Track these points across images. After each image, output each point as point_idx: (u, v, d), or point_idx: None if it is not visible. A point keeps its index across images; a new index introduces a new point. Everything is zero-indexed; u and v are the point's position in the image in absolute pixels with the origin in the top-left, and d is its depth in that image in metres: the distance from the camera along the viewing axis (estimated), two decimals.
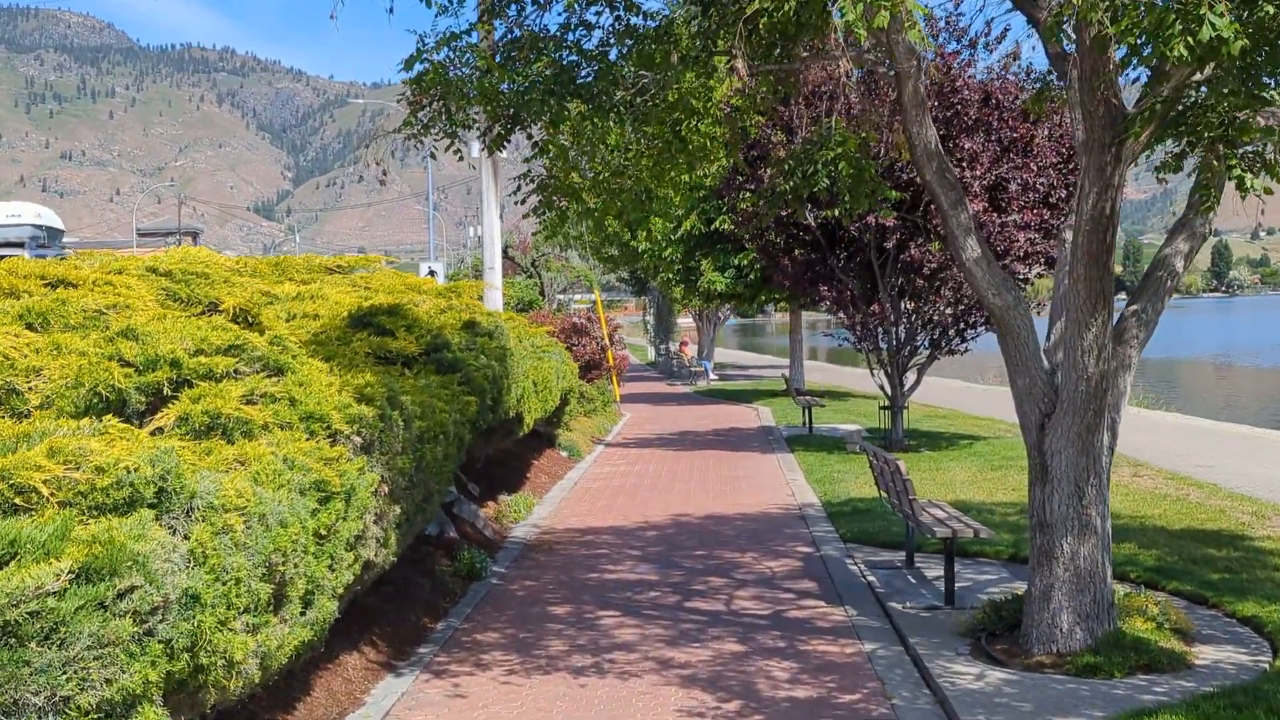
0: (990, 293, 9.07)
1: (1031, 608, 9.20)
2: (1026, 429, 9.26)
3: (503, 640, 10.49)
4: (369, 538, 8.67)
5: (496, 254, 26.66)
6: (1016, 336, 9.12)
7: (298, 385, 8.52)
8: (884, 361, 23.97)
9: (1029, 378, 9.15)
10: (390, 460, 9.00)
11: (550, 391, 18.01)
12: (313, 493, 7.55)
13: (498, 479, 18.44)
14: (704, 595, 12.00)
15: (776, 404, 37.53)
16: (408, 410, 9.52)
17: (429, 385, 11.66)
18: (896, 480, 11.56)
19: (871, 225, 22.35)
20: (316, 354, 9.80)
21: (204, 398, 7.74)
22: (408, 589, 11.59)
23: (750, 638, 10.33)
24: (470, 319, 14.63)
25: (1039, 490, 9.16)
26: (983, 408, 34.48)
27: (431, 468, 10.22)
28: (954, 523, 11.30)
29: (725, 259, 38.88)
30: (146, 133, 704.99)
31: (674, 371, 57.52)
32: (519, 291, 58.53)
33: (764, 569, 13.21)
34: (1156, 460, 21.30)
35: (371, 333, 12.36)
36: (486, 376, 13.09)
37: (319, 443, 8.01)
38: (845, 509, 16.64)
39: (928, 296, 22.95)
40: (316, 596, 7.64)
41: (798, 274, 24.57)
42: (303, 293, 13.91)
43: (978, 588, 11.78)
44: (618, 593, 12.21)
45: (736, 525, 16.00)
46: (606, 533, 15.66)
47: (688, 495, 18.91)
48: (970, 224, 9.07)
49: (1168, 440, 25.07)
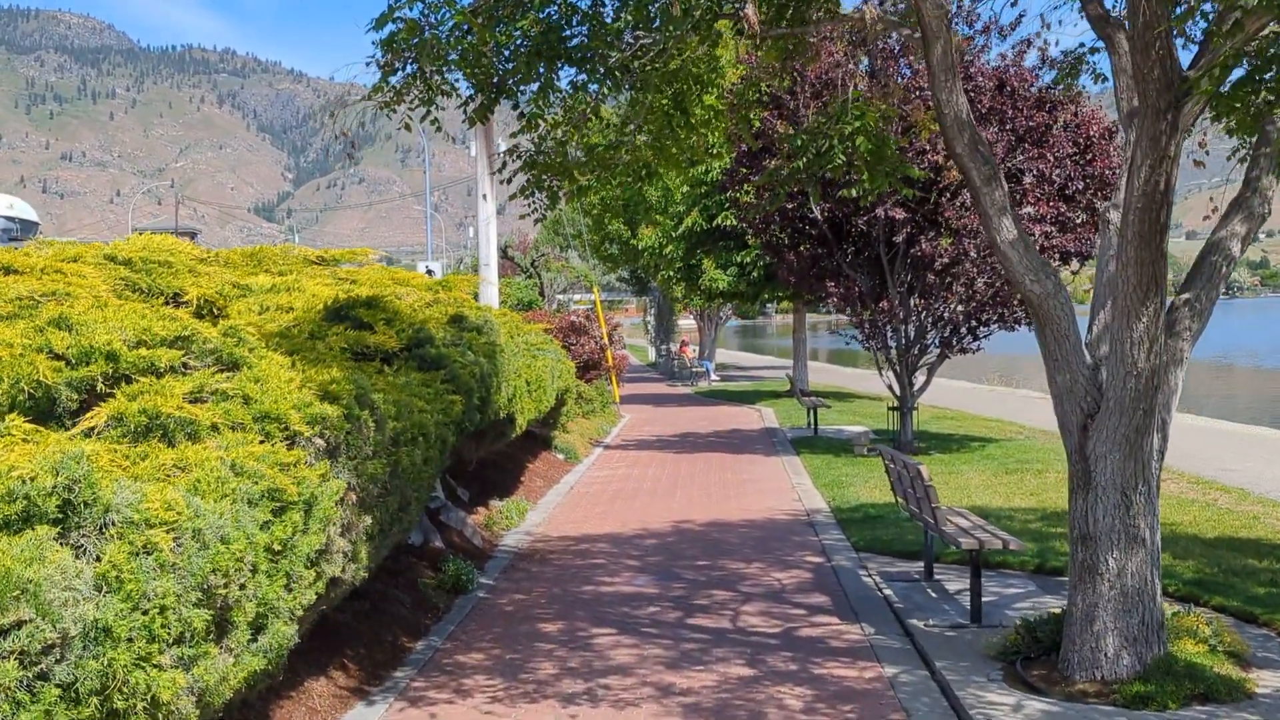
0: (1028, 278, 8.14)
1: (1072, 629, 8.27)
2: (1067, 431, 8.34)
3: (487, 662, 9.56)
4: (334, 552, 7.75)
5: (492, 249, 25.80)
6: (1056, 328, 8.19)
7: (253, 382, 7.61)
8: (892, 361, 23.04)
9: (1070, 374, 8.22)
10: (359, 465, 8.08)
11: (545, 391, 17.09)
12: (265, 503, 6.64)
13: (490, 483, 17.52)
14: (707, 610, 11.07)
15: (779, 405, 36.62)
16: (380, 410, 8.59)
17: (409, 383, 10.75)
18: (917, 486, 10.63)
19: (881, 218, 21.43)
20: (280, 347, 8.87)
21: (142, 395, 6.83)
22: (385, 605, 10.67)
23: (759, 659, 9.41)
24: (458, 313, 13.71)
25: (1081, 499, 8.23)
26: (990, 409, 33.60)
27: (409, 473, 9.30)
28: (980, 533, 10.37)
29: (727, 256, 37.96)
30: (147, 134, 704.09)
31: (675, 372, 56.59)
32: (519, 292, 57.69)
33: (772, 581, 12.28)
34: (1177, 463, 20.37)
35: (348, 326, 11.46)
36: (473, 374, 12.17)
37: (275, 446, 7.10)
38: (856, 515, 15.72)
39: (938, 293, 22.01)
40: (270, 621, 6.72)
41: (803, 270, 23.64)
42: (278, 284, 13.02)
43: (1004, 603, 10.86)
44: (614, 607, 11.28)
45: (741, 533, 15.08)
46: (603, 541, 14.73)
47: (689, 500, 17.98)
48: (1005, 203, 8.14)
49: (1185, 443, 24.12)
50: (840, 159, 9.21)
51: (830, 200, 21.75)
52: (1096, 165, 21.32)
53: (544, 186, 9.25)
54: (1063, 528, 14.32)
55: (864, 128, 9.05)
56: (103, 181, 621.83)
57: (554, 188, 9.22)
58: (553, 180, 9.17)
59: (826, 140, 9.16)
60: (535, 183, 9.13)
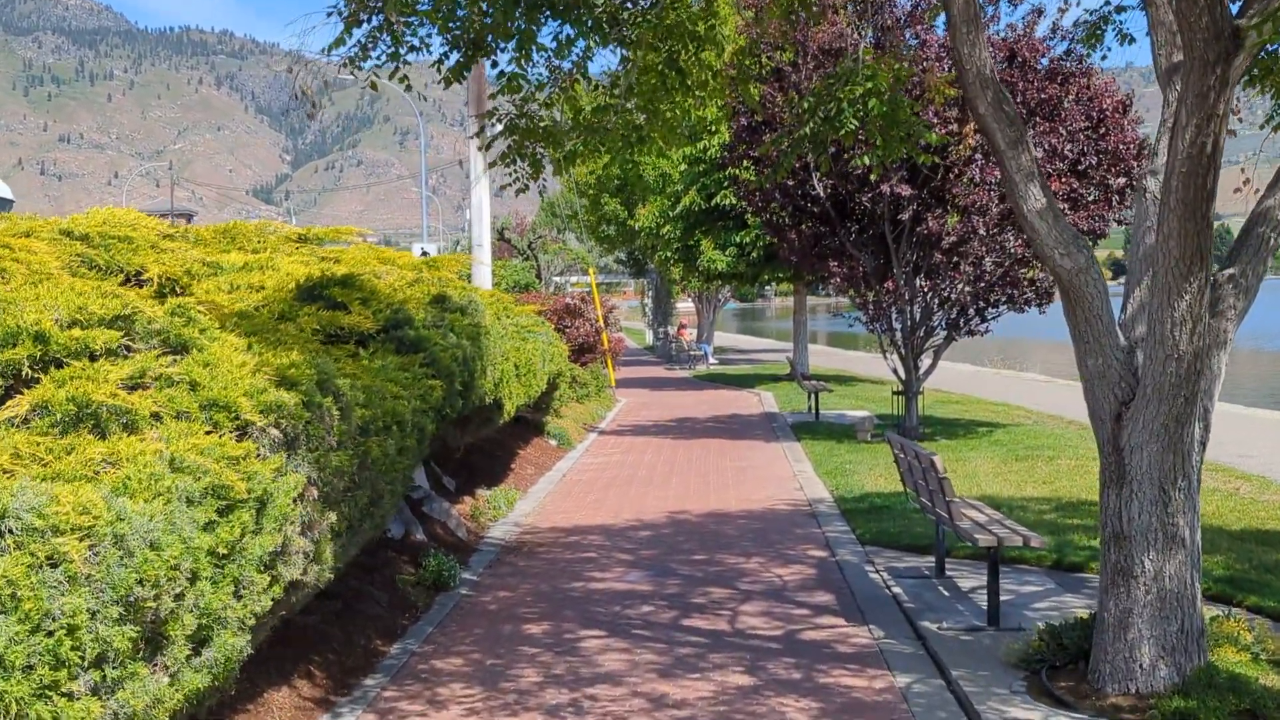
0: (1057, 251, 7.39)
1: (1104, 636, 7.55)
2: (1098, 420, 7.60)
3: (466, 668, 8.83)
4: (293, 553, 7.02)
5: (485, 229, 25.05)
6: (1088, 306, 7.45)
7: (201, 366, 6.87)
8: (897, 343, 22.29)
9: (1102, 357, 7.49)
10: (321, 457, 7.35)
11: (535, 375, 16.35)
12: (208, 502, 5.92)
13: (478, 470, 16.79)
14: (704, 611, 10.34)
15: (779, 389, 35.87)
16: (346, 397, 7.86)
17: (385, 367, 10.02)
18: (930, 478, 9.90)
19: (886, 195, 20.67)
20: (238, 328, 8.13)
21: (72, 381, 6.10)
22: (359, 604, 9.95)
23: (759, 666, 8.68)
24: (440, 293, 12.97)
25: (1114, 494, 7.50)
26: (995, 392, 32.87)
27: (380, 465, 8.57)
28: (997, 528, 9.65)
29: (726, 237, 37.16)
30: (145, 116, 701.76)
31: (672, 355, 55.83)
32: (515, 274, 57.02)
33: (772, 577, 11.56)
34: None
35: (321, 307, 10.73)
36: (455, 357, 11.44)
37: (223, 438, 6.37)
38: (861, 505, 14.99)
39: (945, 272, 21.25)
40: (216, 632, 6.01)
41: (805, 249, 22.86)
42: (251, 263, 12.30)
43: (1021, 602, 10.14)
44: (605, 606, 10.56)
45: (740, 524, 14.35)
46: (595, 533, 14.01)
47: (686, 488, 17.26)
48: (1033, 168, 7.40)
49: None
50: (851, 124, 8.45)
51: (837, 173, 20.99)
52: (1110, 140, 20.55)
53: (526, 154, 8.50)
54: (1080, 519, 13.61)
55: (876, 89, 8.30)
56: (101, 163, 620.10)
57: (537, 155, 8.47)
58: (536, 147, 8.41)
59: (835, 103, 8.40)
60: (517, 149, 8.37)
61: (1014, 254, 20.38)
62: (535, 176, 8.67)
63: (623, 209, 44.86)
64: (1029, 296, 21.39)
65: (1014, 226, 20.28)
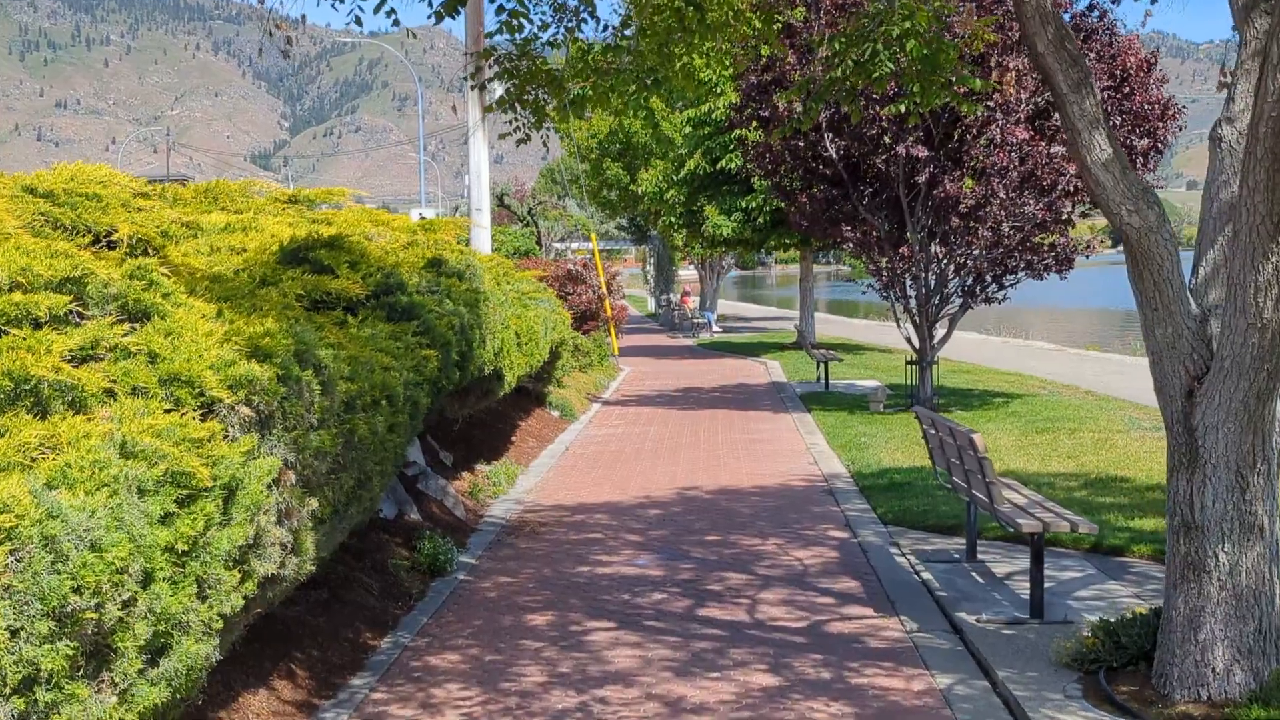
0: (1125, 207, 6.60)
1: (1171, 637, 6.79)
2: (1167, 396, 6.82)
3: (463, 665, 8.08)
4: (268, 545, 6.26)
5: (485, 192, 24.22)
6: (1158, 270, 6.66)
7: (163, 335, 6.10)
8: (911, 311, 21.47)
9: (1173, 326, 6.70)
10: (300, 437, 6.58)
11: (537, 344, 15.56)
12: (166, 491, 5.17)
13: (477, 444, 16.03)
14: (720, 599, 9.58)
15: (785, 358, 35.10)
16: (328, 369, 7.07)
17: (374, 336, 9.25)
18: (966, 458, 9.12)
19: (901, 157, 19.82)
20: (210, 294, 7.34)
21: (9, 352, 5.33)
22: (348, 593, 9.19)
23: (784, 663, 7.93)
24: (436, 256, 12.17)
25: (1184, 479, 6.73)
26: (1006, 361, 32.08)
27: (368, 443, 7.79)
28: (1041, 512, 8.89)
29: (732, 201, 36.28)
30: (142, 81, 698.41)
31: (675, 323, 55.04)
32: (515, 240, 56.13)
33: (792, 561, 10.80)
34: None
35: (307, 270, 9.94)
36: (452, 325, 10.65)
37: (185, 417, 5.60)
38: (880, 482, 14.22)
39: (962, 238, 20.40)
40: (176, 640, 5.27)
41: (816, 214, 22.00)
42: (233, 223, 11.52)
43: (1062, 590, 9.37)
44: (613, 594, 9.80)
45: (754, 502, 13.59)
46: (601, 511, 13.25)
47: (695, 463, 16.49)
48: (1098, 114, 6.59)
49: None
50: (887, 68, 7.64)
51: (851, 134, 20.17)
52: (1135, 100, 19.70)
53: (528, 101, 7.69)
54: (1113, 497, 12.87)
55: (914, 29, 7.48)
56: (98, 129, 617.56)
57: (540, 101, 7.66)
58: (539, 92, 7.60)
59: (870, 44, 7.58)
60: (517, 94, 7.56)
61: (1035, 218, 19.54)
62: (538, 125, 7.87)
63: (625, 173, 43.95)
64: (1049, 263, 20.56)
65: (1035, 189, 19.47)
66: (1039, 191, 19.46)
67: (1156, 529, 11.15)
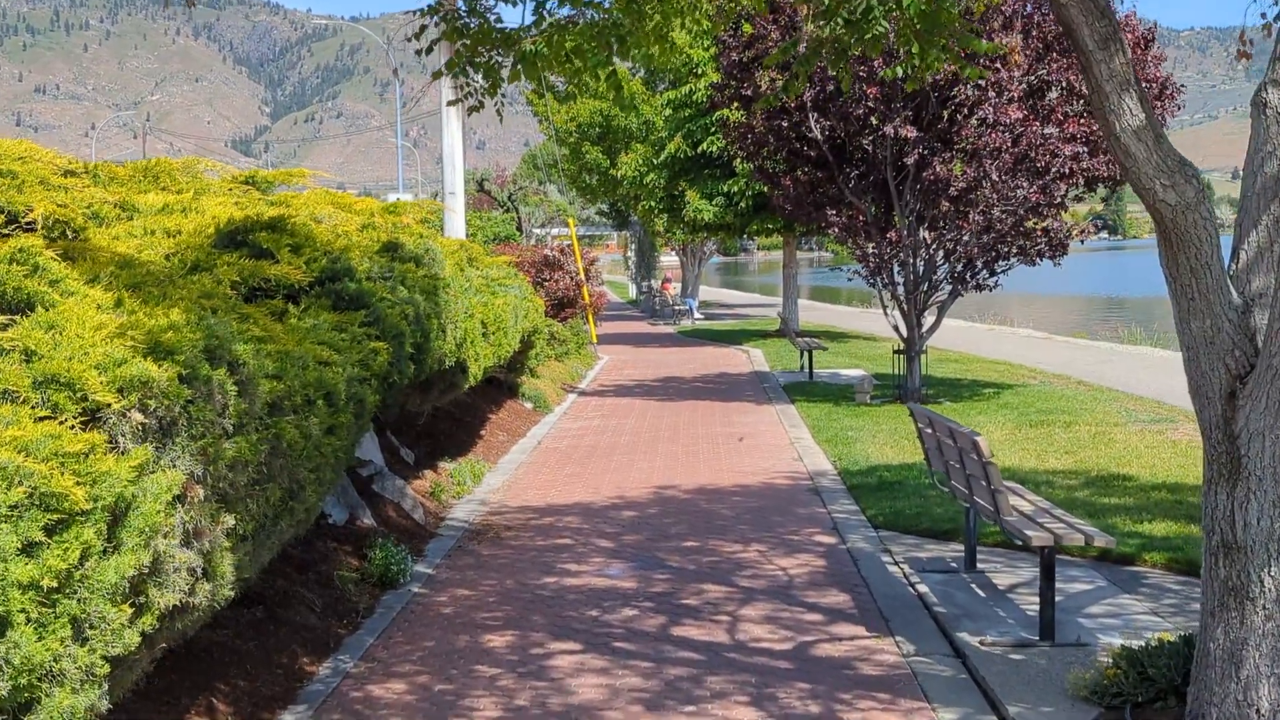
0: (1159, 182, 5.75)
1: (1209, 672, 5.96)
2: (1204, 398, 5.97)
3: (409, 696, 7.22)
4: (170, 572, 5.40)
5: (458, 175, 23.37)
6: (1195, 253, 5.82)
7: (44, 329, 5.24)
8: (899, 298, 20.63)
9: (1211, 318, 5.86)
10: (210, 446, 5.69)
11: (505, 333, 14.68)
12: (31, 516, 4.32)
13: (443, 439, 15.16)
14: (698, 615, 8.73)
15: (768, 346, 34.26)
16: (247, 366, 6.19)
17: (317, 327, 8.38)
18: (969, 461, 8.29)
19: (889, 137, 18.99)
20: (116, 281, 6.45)
21: None
22: (287, 610, 8.33)
23: (768, 694, 7.09)
24: (391, 240, 11.29)
25: (1223, 493, 5.89)
26: (992, 349, 31.29)
27: (300, 449, 6.91)
28: (1050, 521, 8.06)
29: (713, 185, 35.38)
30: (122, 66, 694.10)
31: (656, 310, 54.15)
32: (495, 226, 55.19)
33: (776, 570, 9.96)
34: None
35: (244, 255, 9.07)
36: (405, 315, 9.78)
37: (62, 426, 4.75)
38: (869, 481, 13.38)
39: (952, 222, 19.55)
40: (45, 693, 4.44)
41: (800, 197, 21.16)
42: (171, 204, 10.65)
43: (1072, 605, 8.55)
44: (580, 610, 8.94)
45: (735, 502, 12.75)
46: (572, 513, 12.39)
47: (673, 458, 15.64)
48: (1128, 75, 5.74)
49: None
50: (882, 26, 6.78)
51: (837, 113, 19.34)
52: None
53: (479, 64, 6.80)
54: (1118, 498, 12.06)
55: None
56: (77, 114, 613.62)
57: (494, 63, 6.77)
58: (492, 53, 6.72)
59: (863, 0, 6.71)
60: (468, 55, 6.68)
61: (1028, 201, 18.70)
62: (492, 91, 6.98)
63: (604, 158, 43.00)
64: (1041, 248, 19.72)
65: (1028, 172, 18.64)
66: (1033, 174, 18.63)
67: (1168, 534, 10.36)
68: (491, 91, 6.99)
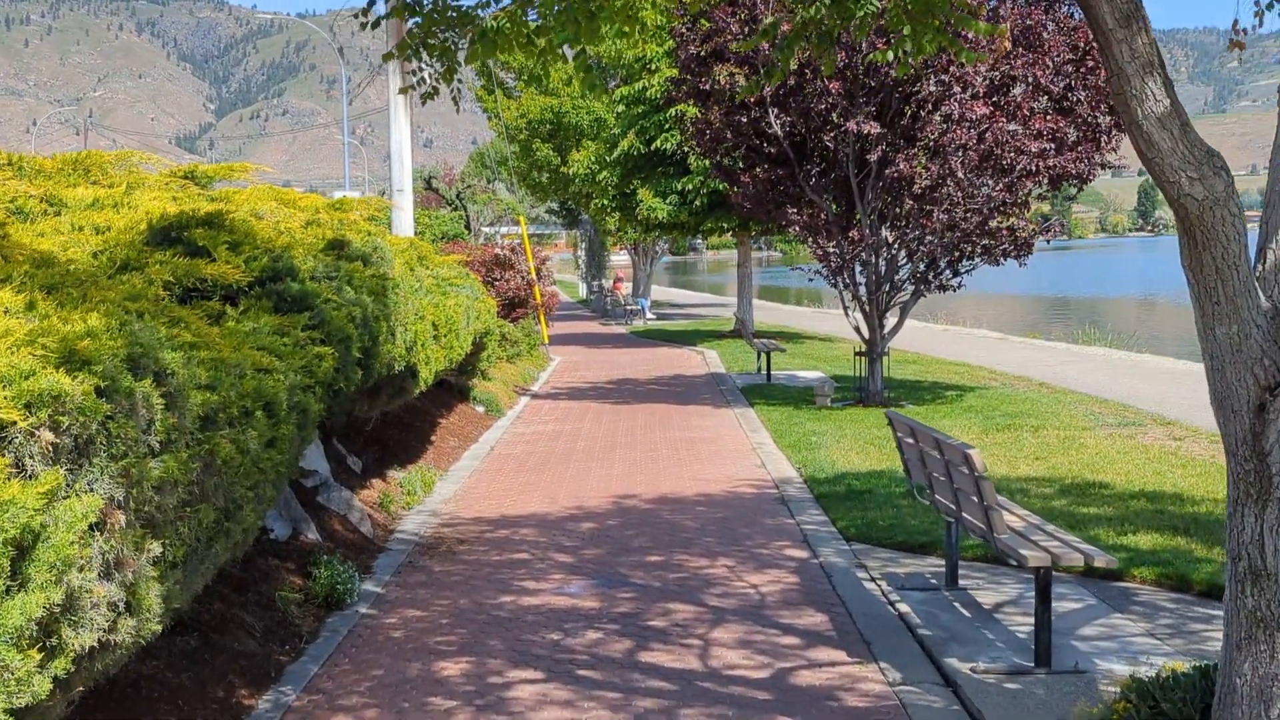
0: (1185, 174, 5.24)
1: (1235, 710, 5.46)
2: (1229, 411, 5.47)
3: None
4: (87, 608, 4.79)
5: (406, 172, 22.76)
6: (1222, 252, 5.32)
7: None
8: (861, 299, 20.16)
9: (1238, 324, 5.36)
10: (133, 467, 5.07)
11: (457, 335, 14.06)
12: None
13: (392, 446, 14.52)
14: (666, 639, 8.16)
15: (723, 346, 33.76)
16: (176, 376, 5.57)
17: (256, 331, 7.75)
18: (957, 475, 7.77)
19: (852, 134, 18.52)
20: (30, 283, 5.81)
21: None
22: (223, 636, 7.69)
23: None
24: (338, 238, 10.66)
25: (1250, 515, 5.39)
26: (949, 350, 30.95)
27: (237, 465, 6.29)
28: (1044, 539, 7.55)
29: (667, 184, 34.83)
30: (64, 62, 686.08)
31: (608, 310, 53.58)
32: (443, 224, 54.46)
33: (747, 588, 9.41)
34: (1186, 417, 17.74)
35: (179, 253, 8.42)
36: (352, 317, 9.16)
37: None
38: (837, 489, 12.86)
39: (915, 221, 19.09)
40: None
41: (760, 195, 20.65)
42: (102, 199, 10.00)
43: (1063, 626, 8.04)
44: (540, 633, 8.36)
45: (699, 512, 12.19)
46: (528, 524, 11.80)
47: (632, 465, 15.07)
48: (1152, 57, 5.23)
49: (1175, 389, 21.54)
50: (872, 6, 6.25)
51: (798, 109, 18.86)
52: (1100, 74, 18.47)
53: (434, 47, 6.21)
54: (1096, 507, 11.62)
55: None
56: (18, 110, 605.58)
57: (450, 45, 6.18)
58: (447, 34, 6.12)
59: None
60: (420, 37, 6.08)
61: (993, 199, 18.28)
62: (448, 78, 6.38)
63: (555, 155, 42.38)
64: (1006, 248, 19.30)
65: (994, 169, 18.21)
66: (999, 171, 18.20)
67: (1155, 547, 9.91)
68: (447, 77, 6.39)
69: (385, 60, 6.30)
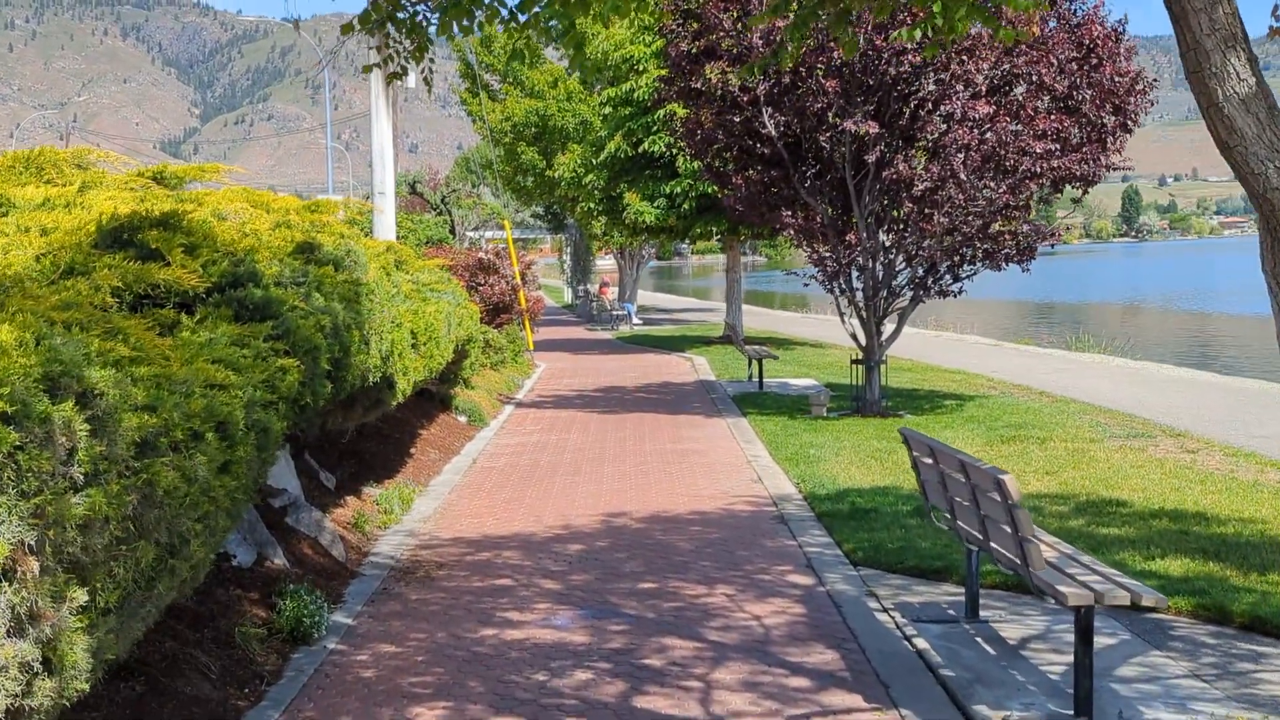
0: (1271, 164, 4.56)
1: None
2: None
3: None
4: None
5: (388, 173, 22.00)
6: None
7: None
8: (858, 305, 19.47)
9: None
10: (49, 504, 4.34)
11: (438, 344, 13.31)
12: None
13: (369, 460, 13.79)
14: (663, 681, 7.43)
15: (712, 353, 33.04)
16: (105, 398, 4.83)
17: (212, 343, 7.02)
18: (986, 501, 7.05)
19: (849, 134, 17.84)
20: None
21: None
22: (174, 680, 6.95)
23: None
24: (307, 241, 9.91)
25: None
26: (945, 357, 30.30)
27: (181, 495, 5.54)
28: (1084, 572, 6.84)
29: (655, 187, 34.11)
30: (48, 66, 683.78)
31: (594, 315, 52.85)
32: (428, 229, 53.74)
33: (749, 620, 8.68)
34: (1195, 428, 17.10)
35: (130, 256, 7.69)
36: (321, 326, 8.43)
37: None
38: (840, 507, 12.14)
39: (914, 224, 18.41)
40: None
41: (753, 197, 19.93)
42: (54, 199, 9.30)
43: (1098, 665, 7.22)
44: (525, 672, 7.62)
45: (693, 532, 11.47)
46: (511, 546, 11.06)
47: (621, 479, 14.35)
48: (1235, 30, 4.54)
49: (1180, 398, 20.91)
50: None
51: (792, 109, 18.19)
52: (1105, 70, 17.83)
53: (403, 23, 5.49)
54: (1117, 528, 10.93)
55: None
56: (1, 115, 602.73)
57: (420, 22, 5.46)
58: (417, 7, 5.41)
59: None
60: (387, 10, 5.36)
61: (996, 202, 17.61)
62: (419, 56, 5.66)
63: (540, 158, 41.68)
64: (1009, 252, 18.64)
65: (997, 171, 17.54)
66: (1002, 173, 17.53)
67: (1187, 574, 9.22)
68: (417, 55, 5.67)
69: (344, 32, 5.55)
